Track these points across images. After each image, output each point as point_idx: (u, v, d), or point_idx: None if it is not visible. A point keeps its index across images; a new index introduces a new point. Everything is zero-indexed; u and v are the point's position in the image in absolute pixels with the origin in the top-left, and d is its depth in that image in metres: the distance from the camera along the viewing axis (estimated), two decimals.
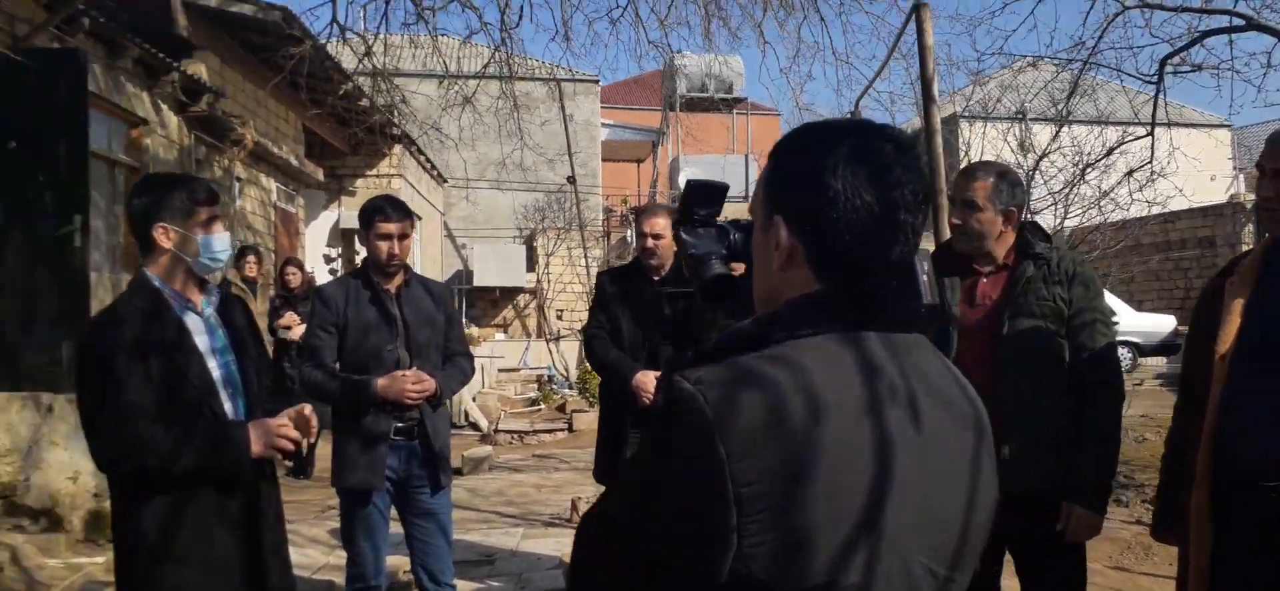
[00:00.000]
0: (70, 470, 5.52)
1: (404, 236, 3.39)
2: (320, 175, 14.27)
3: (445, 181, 19.53)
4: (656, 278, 3.82)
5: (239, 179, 11.40)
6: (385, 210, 3.39)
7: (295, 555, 4.55)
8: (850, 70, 23.85)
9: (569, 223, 19.41)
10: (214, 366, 2.48)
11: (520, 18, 9.20)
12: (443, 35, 9.53)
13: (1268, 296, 2.18)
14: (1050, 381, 2.65)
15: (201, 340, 2.47)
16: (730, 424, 1.00)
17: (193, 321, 2.47)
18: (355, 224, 12.76)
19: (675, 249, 3.84)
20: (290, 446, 2.46)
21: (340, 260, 15.72)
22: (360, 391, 3.26)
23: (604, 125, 24.38)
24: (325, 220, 15.76)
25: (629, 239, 20.07)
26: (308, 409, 2.50)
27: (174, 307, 2.44)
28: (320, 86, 11.00)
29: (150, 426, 2.29)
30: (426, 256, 18.57)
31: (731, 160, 22.90)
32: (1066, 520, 2.60)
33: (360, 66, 9.84)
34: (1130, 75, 6.49)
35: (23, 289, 5.83)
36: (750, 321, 1.14)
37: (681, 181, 22.67)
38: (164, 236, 2.41)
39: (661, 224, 3.84)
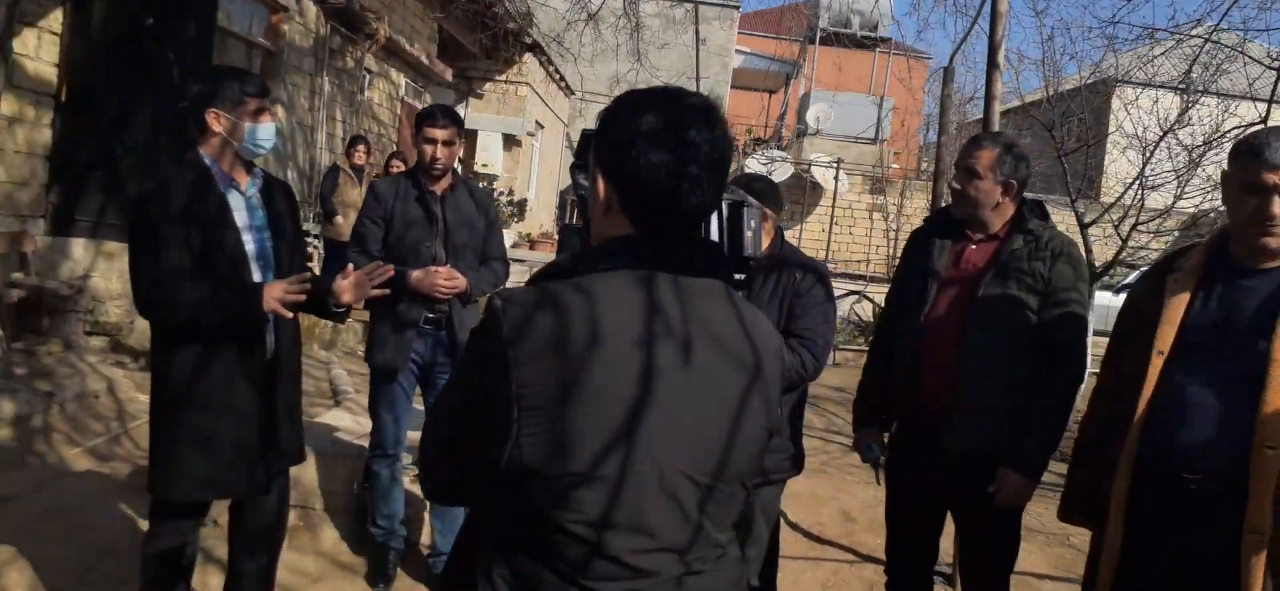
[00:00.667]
0: None
1: (449, 143, 3.63)
2: (449, 75, 14.79)
3: (573, 93, 19.83)
4: None
5: (369, 71, 11.98)
6: (434, 116, 3.64)
7: (347, 419, 5.00)
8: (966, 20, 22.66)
9: None
10: (249, 241, 2.78)
11: None
12: None
13: (1210, 295, 2.17)
14: (1014, 351, 2.69)
15: (241, 216, 2.78)
16: (522, 340, 1.21)
17: (235, 199, 2.78)
18: (479, 126, 13.26)
19: None
20: (289, 310, 2.69)
21: (460, 161, 16.28)
22: (396, 279, 3.56)
23: (738, 52, 24.09)
24: None
25: (742, 168, 19.96)
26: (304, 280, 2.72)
27: (219, 184, 2.74)
28: None
29: (182, 285, 2.61)
30: (545, 166, 19.03)
31: (866, 100, 22.28)
32: (999, 482, 2.67)
33: None
34: (1251, 58, 6.06)
35: (146, 153, 6.43)
36: (567, 254, 1.33)
37: (810, 117, 22.26)
38: (215, 120, 2.71)
39: None
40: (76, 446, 4.72)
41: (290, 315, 2.75)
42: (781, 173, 20.26)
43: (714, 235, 1.41)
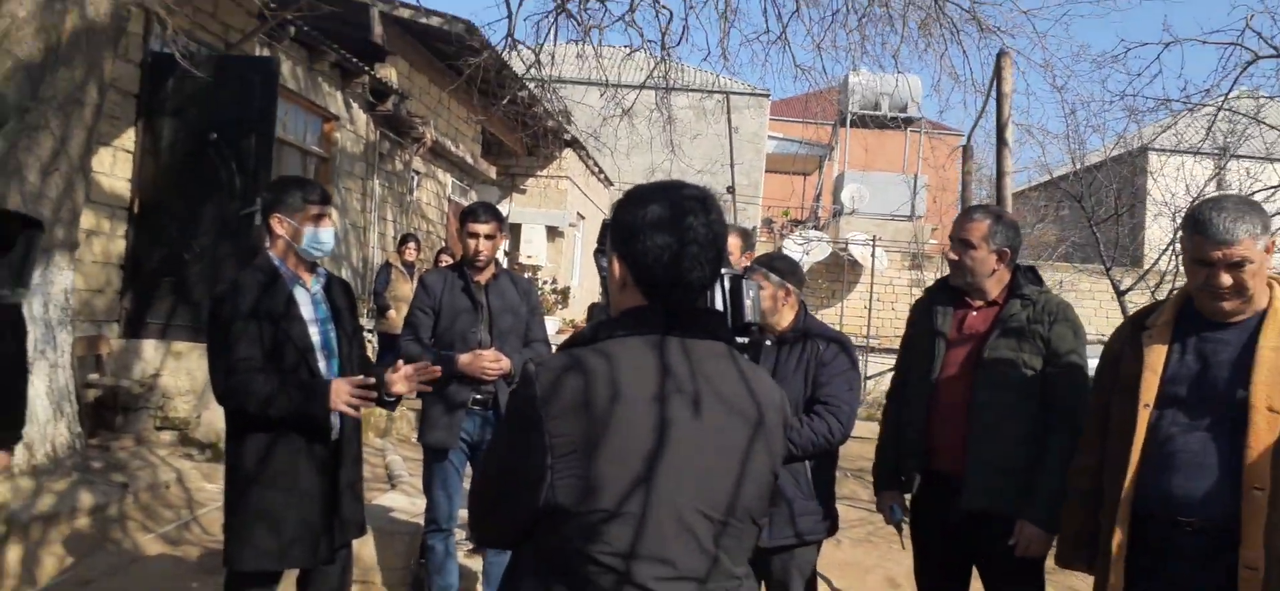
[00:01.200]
0: None
1: (491, 236, 3.95)
2: (493, 173, 15.36)
3: (611, 184, 20.35)
4: None
5: (417, 172, 12.53)
6: (477, 213, 3.96)
7: (404, 500, 5.24)
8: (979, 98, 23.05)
9: None
10: (314, 333, 3.07)
11: (681, 37, 9.71)
12: (608, 46, 10.16)
13: (1185, 349, 2.34)
14: (1020, 412, 2.85)
15: (306, 310, 3.07)
16: (553, 398, 1.45)
17: (301, 294, 3.07)
18: (523, 220, 13.67)
19: (743, 266, 4.21)
20: (355, 409, 2.95)
21: (505, 253, 16.73)
22: (446, 363, 3.83)
23: (770, 137, 24.57)
24: None
25: (780, 247, 20.17)
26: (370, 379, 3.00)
27: (286, 282, 3.05)
28: (496, 92, 11.94)
29: (254, 376, 2.88)
30: (587, 255, 19.45)
31: (899, 179, 22.51)
32: (1017, 535, 2.79)
33: (528, 73, 10.64)
34: (1268, 125, 6.20)
35: (211, 257, 6.88)
36: (591, 324, 1.58)
37: (845, 197, 22.51)
38: (279, 225, 3.03)
39: (731, 243, 4.22)
40: (149, 532, 5.01)
41: (356, 414, 3.00)
42: (819, 252, 20.47)
43: (718, 304, 1.65)
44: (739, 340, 1.61)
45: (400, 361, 3.19)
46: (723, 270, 1.62)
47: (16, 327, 3.42)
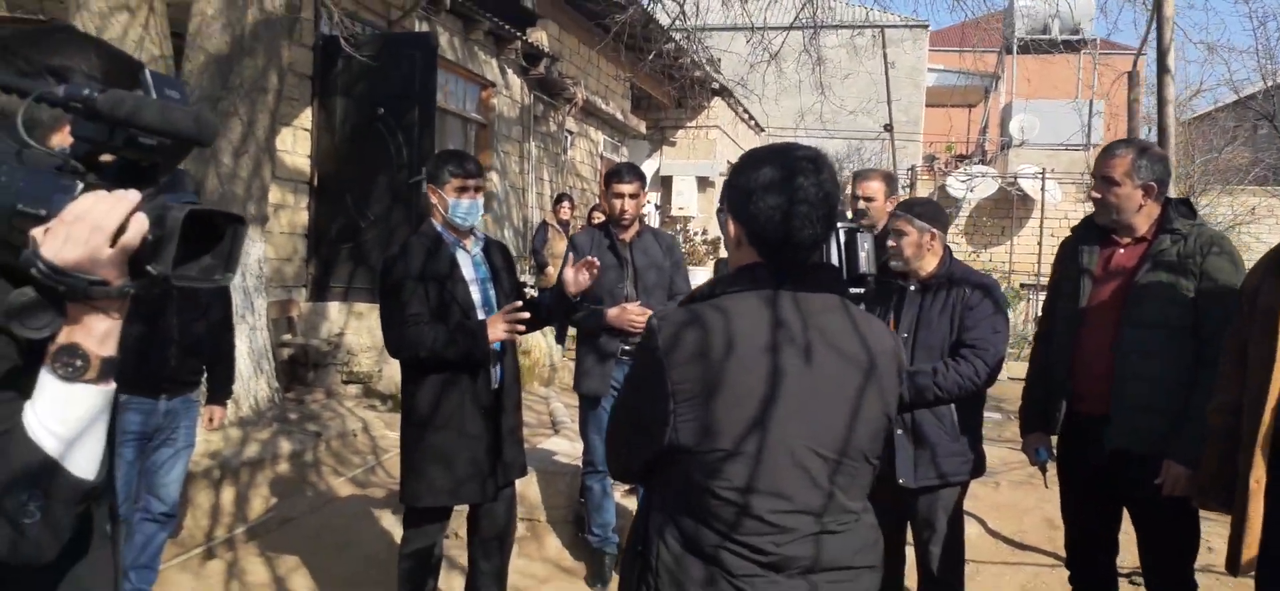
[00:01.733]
0: None
1: (635, 196, 4.09)
2: (643, 127, 15.58)
3: (762, 130, 20.17)
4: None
5: (570, 132, 12.90)
6: (622, 174, 4.11)
7: (565, 444, 5.54)
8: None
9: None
10: (475, 291, 3.33)
11: None
12: None
13: None
14: (1168, 350, 2.74)
15: (468, 271, 3.32)
16: (674, 350, 1.57)
17: (463, 257, 3.33)
18: (674, 172, 13.87)
19: (887, 211, 4.17)
20: (518, 331, 3.20)
21: (655, 205, 16.96)
22: (595, 317, 4.04)
23: (930, 70, 23.58)
24: (648, 167, 17.08)
25: (948, 188, 19.46)
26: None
27: (449, 246, 3.31)
28: (644, 47, 12.08)
29: (421, 327, 3.17)
30: None
31: (1070, 106, 21.13)
32: (1166, 475, 2.71)
33: (674, 25, 10.70)
34: None
35: (384, 224, 7.40)
36: (708, 282, 1.69)
37: (1013, 128, 21.39)
38: (434, 196, 3.29)
39: (875, 187, 4.20)
40: (340, 476, 5.54)
41: (518, 334, 3.23)
42: (985, 188, 19.60)
43: (834, 258, 1.71)
44: (854, 291, 1.68)
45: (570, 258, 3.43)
46: (839, 225, 1.69)
47: (224, 300, 3.88)
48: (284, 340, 7.17)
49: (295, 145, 7.52)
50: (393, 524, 4.75)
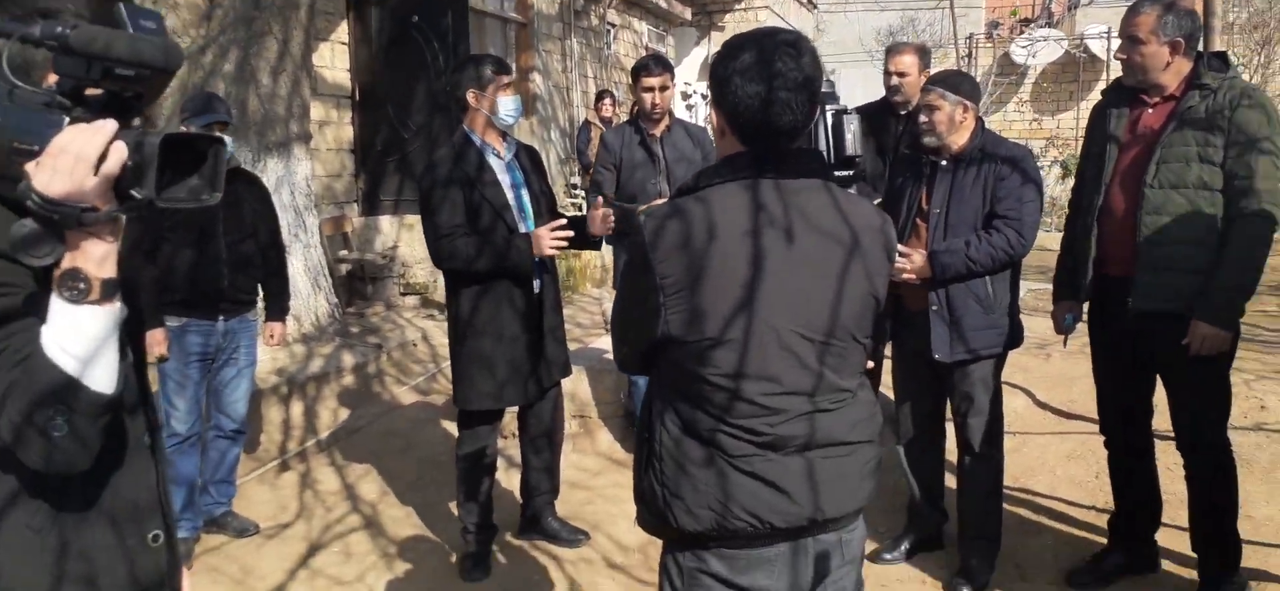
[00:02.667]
0: None
1: (665, 88, 4.06)
2: (688, 13, 15.24)
3: (815, 7, 19.56)
4: (903, 112, 4.11)
5: (612, 25, 12.70)
6: (649, 67, 4.07)
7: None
8: None
9: (939, 41, 18.48)
10: (510, 195, 3.37)
11: None
12: None
13: None
14: (1195, 209, 2.70)
15: (503, 176, 3.36)
16: (659, 243, 1.60)
17: (495, 162, 3.36)
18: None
19: (920, 85, 4.07)
20: (559, 249, 3.28)
21: (703, 95, 16.67)
22: (628, 216, 4.05)
23: None
24: (696, 56, 16.78)
25: (1011, 55, 18.73)
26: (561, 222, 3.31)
27: (482, 152, 3.34)
28: None
29: (457, 240, 3.22)
30: None
31: None
32: (1192, 334, 2.70)
33: None
34: None
35: (427, 134, 7.46)
36: (693, 174, 1.70)
37: None
38: (475, 100, 3.31)
39: (908, 62, 4.09)
40: (403, 385, 5.75)
41: (560, 252, 3.30)
42: (1049, 53, 18.80)
43: (822, 142, 1.70)
44: (841, 174, 1.66)
45: (599, 201, 3.47)
46: (827, 107, 1.67)
47: (271, 217, 3.98)
48: (340, 256, 7.36)
49: (334, 60, 7.57)
50: (453, 427, 4.93)
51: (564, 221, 3.30)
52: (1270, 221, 2.67)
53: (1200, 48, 2.87)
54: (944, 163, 3.14)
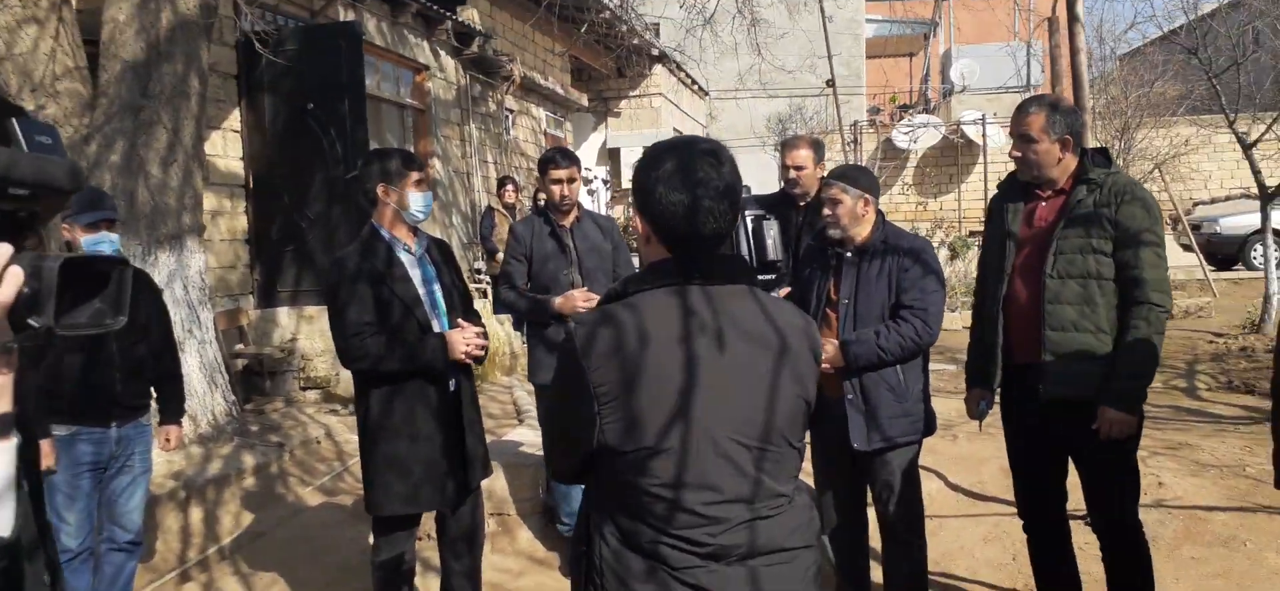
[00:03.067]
0: None
1: (572, 180, 4.07)
2: (585, 100, 15.47)
3: (706, 95, 20.15)
4: (802, 203, 4.22)
5: (510, 111, 12.76)
6: (557, 159, 4.08)
7: (531, 434, 5.53)
8: None
9: (825, 127, 19.27)
10: (421, 291, 3.28)
11: None
12: None
13: None
14: (1093, 298, 2.85)
15: (413, 271, 3.27)
16: (590, 350, 1.58)
17: (405, 256, 3.27)
18: (621, 144, 13.79)
19: (817, 178, 4.20)
20: (478, 355, 3.21)
21: (603, 180, 16.87)
22: (542, 308, 4.02)
23: (869, 21, 23.69)
24: (594, 141, 17.02)
25: (893, 140, 19.64)
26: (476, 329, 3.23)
27: (391, 246, 3.25)
28: (578, 17, 11.97)
29: (366, 339, 3.11)
30: None
31: (1010, 48, 21.40)
32: (1100, 420, 2.83)
33: None
34: None
35: (325, 222, 7.28)
36: (620, 281, 1.70)
37: (955, 75, 21.58)
38: (385, 194, 3.23)
39: (804, 155, 4.22)
40: (307, 485, 5.48)
41: (477, 359, 3.22)
42: (929, 138, 19.81)
43: (743, 247, 1.71)
44: (764, 277, 1.68)
45: (463, 323, 3.31)
46: (746, 212, 1.69)
47: (163, 318, 3.79)
48: (236, 351, 7.05)
49: (226, 148, 7.35)
50: (365, 528, 4.70)
51: (481, 328, 3.23)
52: (1161, 310, 2.82)
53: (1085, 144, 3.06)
54: (849, 254, 3.24)
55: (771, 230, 1.70)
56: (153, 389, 3.73)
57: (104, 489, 3.54)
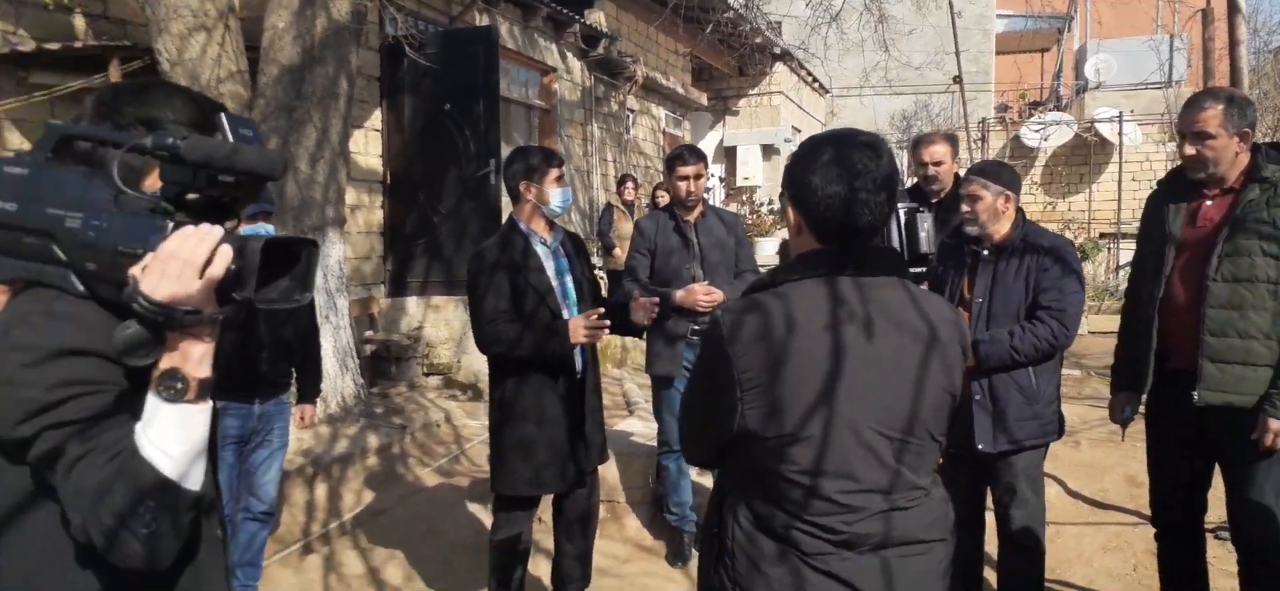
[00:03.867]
0: None
1: (699, 176, 4.13)
2: (705, 99, 15.50)
3: (827, 92, 19.86)
4: (935, 200, 4.16)
5: (631, 110, 12.92)
6: (684, 156, 4.15)
7: (640, 425, 5.63)
8: None
9: (951, 125, 18.72)
10: (554, 282, 3.42)
11: None
12: None
13: None
14: (1262, 303, 2.72)
15: (548, 264, 3.41)
16: (737, 336, 1.62)
17: (540, 248, 3.41)
18: (738, 142, 13.78)
19: (953, 175, 4.13)
20: (593, 338, 3.29)
21: (720, 178, 16.84)
22: (664, 301, 4.09)
23: (999, 16, 22.87)
24: (711, 139, 17.01)
25: (1022, 138, 18.92)
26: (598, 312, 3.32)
27: (527, 238, 3.40)
28: (702, 17, 12.02)
29: (500, 324, 3.27)
30: None
31: (1150, 42, 20.27)
32: (1261, 429, 2.70)
33: None
34: None
35: (456, 217, 7.56)
36: (769, 271, 1.73)
37: (1089, 70, 20.63)
38: (527, 191, 3.38)
39: (940, 151, 4.15)
40: (427, 466, 5.73)
41: (599, 341, 3.31)
42: (1059, 136, 19.00)
43: (895, 239, 1.73)
44: (916, 270, 1.69)
45: (636, 292, 3.47)
46: (899, 205, 1.70)
47: (310, 305, 4.05)
48: (366, 337, 7.41)
49: (367, 146, 7.73)
50: (479, 510, 4.91)
51: (601, 311, 3.34)
52: None
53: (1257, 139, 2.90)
54: (986, 252, 3.17)
55: (925, 222, 1.70)
56: (294, 369, 3.96)
57: (244, 460, 3.77)
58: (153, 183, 1.30)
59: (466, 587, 4.07)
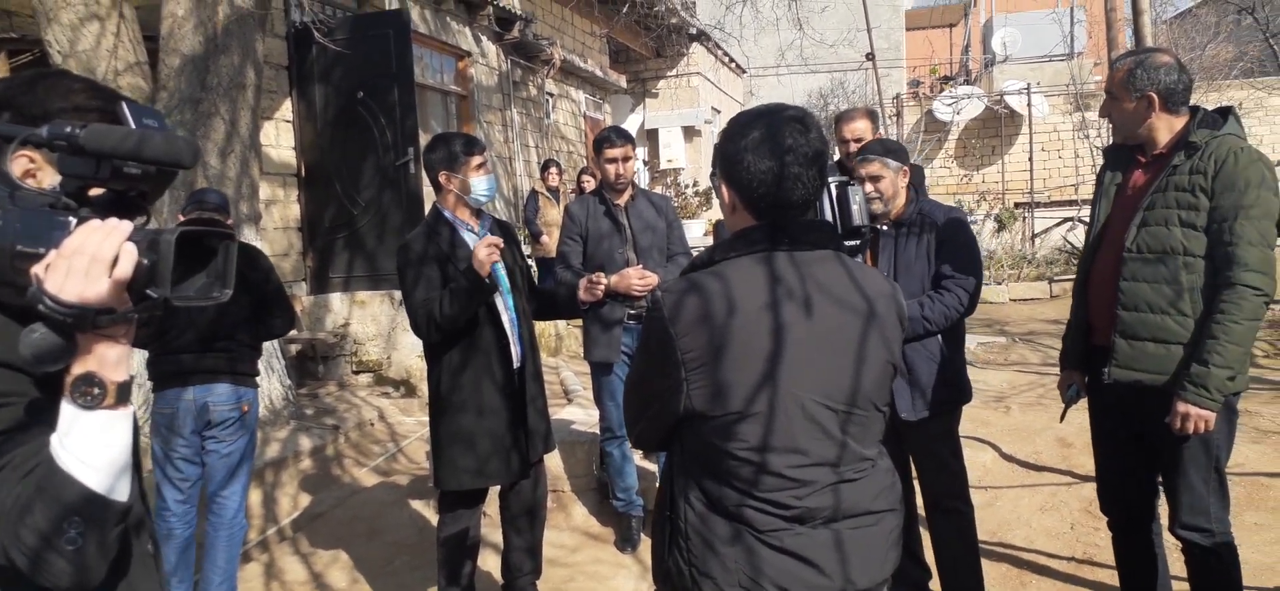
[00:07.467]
0: (419, 349, 7.02)
1: (627, 159, 4.09)
2: (624, 82, 15.46)
3: (744, 72, 20.01)
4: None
5: (551, 94, 12.80)
6: (611, 139, 4.10)
7: (580, 413, 5.59)
8: None
9: (866, 101, 19.08)
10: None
11: None
12: None
13: None
14: (1177, 276, 2.57)
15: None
16: (679, 317, 1.60)
17: (469, 237, 3.32)
18: (659, 125, 13.78)
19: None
20: (492, 256, 3.05)
21: (643, 161, 16.83)
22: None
23: None
24: (632, 122, 16.98)
25: (935, 113, 19.35)
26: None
27: (455, 228, 3.30)
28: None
29: (427, 306, 3.17)
30: None
31: (1052, 15, 20.95)
32: (1173, 412, 2.56)
33: None
34: None
35: (376, 209, 7.38)
36: (706, 250, 1.71)
37: (996, 44, 21.22)
38: (447, 181, 3.28)
39: (862, 126, 4.19)
40: (363, 466, 5.59)
41: (495, 259, 3.08)
42: (971, 110, 19.50)
43: (827, 213, 1.72)
44: (849, 243, 1.68)
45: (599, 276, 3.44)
46: (830, 179, 1.69)
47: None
48: (291, 336, 7.19)
49: (279, 138, 7.48)
50: (421, 507, 4.81)
51: (497, 238, 3.17)
52: (1255, 292, 2.47)
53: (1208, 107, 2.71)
54: (885, 228, 3.22)
55: (856, 195, 1.69)
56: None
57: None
58: (53, 178, 1.21)
59: (412, 585, 3.99)
